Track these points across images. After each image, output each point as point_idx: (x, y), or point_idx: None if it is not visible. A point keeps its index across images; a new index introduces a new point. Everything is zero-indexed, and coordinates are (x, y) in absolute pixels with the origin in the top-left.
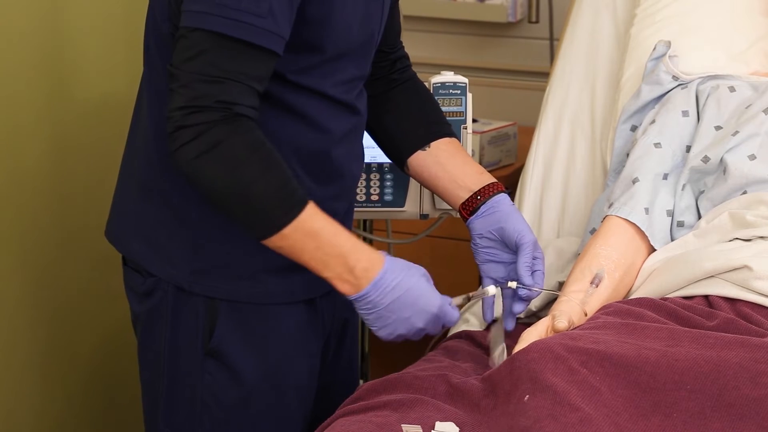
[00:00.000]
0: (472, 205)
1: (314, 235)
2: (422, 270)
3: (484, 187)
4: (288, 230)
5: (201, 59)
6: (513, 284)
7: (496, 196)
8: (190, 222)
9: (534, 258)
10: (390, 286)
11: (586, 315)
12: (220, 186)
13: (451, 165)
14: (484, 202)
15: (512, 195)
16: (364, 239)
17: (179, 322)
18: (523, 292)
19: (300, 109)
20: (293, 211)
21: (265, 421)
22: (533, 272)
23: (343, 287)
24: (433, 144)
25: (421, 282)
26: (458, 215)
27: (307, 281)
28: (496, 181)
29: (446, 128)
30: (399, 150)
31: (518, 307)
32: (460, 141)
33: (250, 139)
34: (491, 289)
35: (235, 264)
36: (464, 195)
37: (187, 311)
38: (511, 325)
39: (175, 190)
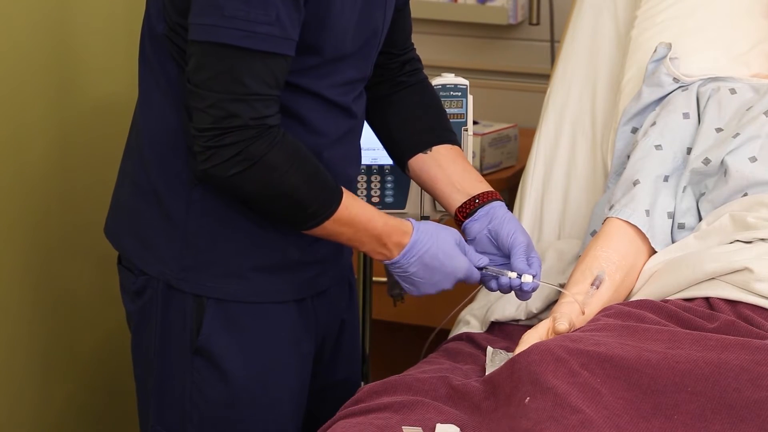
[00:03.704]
0: (469, 207)
1: (350, 223)
2: (454, 236)
3: (482, 193)
4: (328, 223)
5: (223, 77)
6: (528, 278)
7: (493, 202)
8: (179, 220)
9: (529, 257)
10: (418, 255)
11: (583, 314)
12: (262, 196)
13: (451, 169)
14: (482, 206)
15: (513, 197)
16: None
17: (168, 320)
18: (527, 287)
19: (293, 109)
20: (332, 207)
21: (255, 421)
22: (529, 265)
23: (377, 257)
24: (435, 148)
25: (449, 248)
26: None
27: (297, 281)
28: (494, 190)
29: (450, 135)
30: (401, 151)
31: (496, 285)
32: (460, 143)
33: (286, 149)
34: (512, 273)
35: (224, 262)
36: (461, 199)
37: (176, 309)
38: (494, 286)
39: (166, 188)
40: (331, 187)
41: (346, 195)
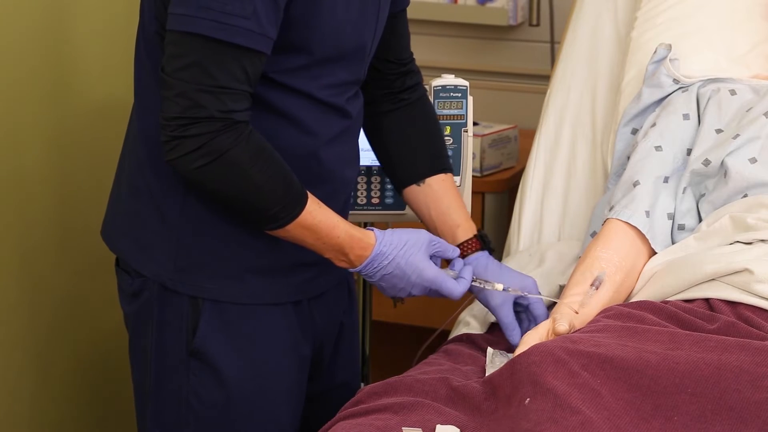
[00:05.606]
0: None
1: (313, 230)
2: (422, 242)
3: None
4: (290, 227)
5: (194, 68)
6: (516, 291)
7: (466, 259)
8: (174, 221)
9: (518, 307)
10: (381, 266)
11: (577, 313)
12: (224, 191)
13: (435, 211)
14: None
15: (513, 198)
16: None
17: (165, 322)
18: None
19: (285, 110)
20: (294, 211)
21: (251, 423)
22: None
23: (340, 265)
24: (427, 181)
25: (414, 259)
26: None
27: (293, 283)
28: (469, 237)
29: (443, 163)
30: (396, 179)
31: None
32: (460, 147)
33: (252, 146)
34: (498, 285)
35: (219, 263)
36: None
37: (172, 311)
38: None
39: (161, 189)
40: (297, 191)
41: (311, 201)
